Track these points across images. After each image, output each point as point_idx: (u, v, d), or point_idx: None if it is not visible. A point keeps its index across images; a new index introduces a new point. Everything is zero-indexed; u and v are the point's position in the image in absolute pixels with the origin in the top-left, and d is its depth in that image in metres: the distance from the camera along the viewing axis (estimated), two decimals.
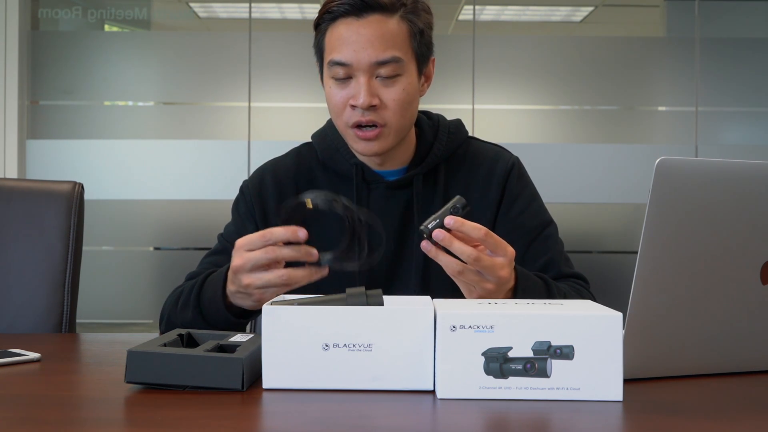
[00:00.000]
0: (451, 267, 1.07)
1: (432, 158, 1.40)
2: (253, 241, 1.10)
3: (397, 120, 1.32)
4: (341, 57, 1.29)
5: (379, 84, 1.30)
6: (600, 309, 0.90)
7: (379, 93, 1.30)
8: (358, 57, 1.28)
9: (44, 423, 0.80)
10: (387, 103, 1.30)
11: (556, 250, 1.40)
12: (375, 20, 1.29)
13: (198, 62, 3.61)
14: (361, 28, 1.28)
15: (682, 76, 3.64)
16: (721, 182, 0.97)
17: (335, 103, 1.33)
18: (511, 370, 0.87)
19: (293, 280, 1.10)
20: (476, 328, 0.87)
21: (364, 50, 1.28)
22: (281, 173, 1.44)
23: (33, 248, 1.53)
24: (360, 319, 0.90)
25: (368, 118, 1.30)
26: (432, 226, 1.06)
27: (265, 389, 0.90)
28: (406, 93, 1.31)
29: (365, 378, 0.90)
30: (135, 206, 3.56)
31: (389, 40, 1.29)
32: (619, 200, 3.57)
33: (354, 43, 1.28)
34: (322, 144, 1.44)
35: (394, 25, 1.30)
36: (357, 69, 1.29)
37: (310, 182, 1.42)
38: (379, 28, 1.29)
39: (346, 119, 1.32)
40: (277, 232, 1.09)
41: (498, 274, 1.08)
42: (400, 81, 1.31)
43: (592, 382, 0.87)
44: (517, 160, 1.46)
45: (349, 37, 1.29)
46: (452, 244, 1.05)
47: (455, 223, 1.05)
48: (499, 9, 3.85)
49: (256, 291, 1.12)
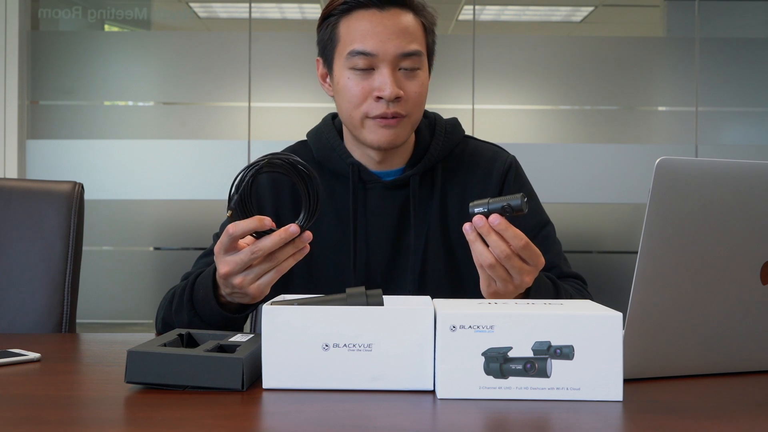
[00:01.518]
0: (484, 258, 1.06)
1: (429, 158, 1.40)
2: (224, 244, 1.07)
3: (417, 112, 1.34)
4: (366, 47, 1.29)
5: (402, 76, 1.31)
6: (600, 309, 0.90)
7: (402, 85, 1.31)
8: (385, 48, 1.29)
9: (44, 423, 0.80)
10: (409, 95, 1.32)
11: (555, 250, 1.40)
12: (396, 13, 1.31)
13: (198, 62, 3.61)
14: (385, 19, 1.30)
15: (682, 76, 3.64)
16: (721, 182, 0.97)
17: (354, 94, 1.32)
18: (511, 370, 0.87)
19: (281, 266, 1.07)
20: (476, 328, 0.87)
21: (390, 41, 1.29)
22: (276, 176, 1.41)
23: (33, 248, 1.53)
24: (360, 319, 0.90)
25: (393, 110, 1.30)
26: (478, 210, 1.05)
27: (265, 389, 0.90)
28: (424, 87, 1.34)
29: (365, 378, 0.90)
30: (135, 206, 3.56)
31: (412, 33, 1.31)
32: (619, 200, 3.57)
33: (380, 33, 1.29)
34: (317, 143, 1.43)
35: (412, 20, 1.32)
36: (382, 60, 1.30)
37: None
38: (402, 21, 1.31)
39: (366, 110, 1.32)
40: (241, 225, 1.04)
41: (524, 278, 1.08)
42: (419, 75, 1.33)
43: (592, 382, 0.87)
44: (514, 159, 1.46)
45: (373, 28, 1.29)
46: (489, 236, 1.04)
47: (500, 225, 1.04)
48: (499, 9, 3.85)
49: (251, 286, 1.10)
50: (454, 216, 1.40)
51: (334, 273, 1.38)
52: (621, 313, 0.88)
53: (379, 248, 1.39)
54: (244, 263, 1.07)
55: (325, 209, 1.40)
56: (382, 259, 1.39)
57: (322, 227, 1.38)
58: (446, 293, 1.36)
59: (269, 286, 1.10)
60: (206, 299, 1.20)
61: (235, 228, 1.05)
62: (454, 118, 1.49)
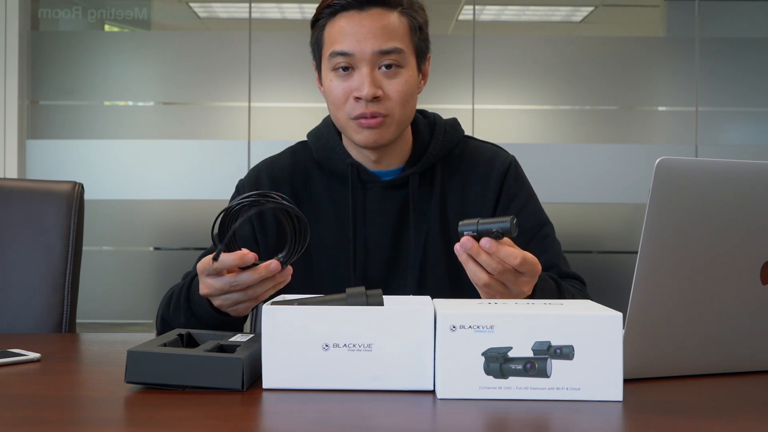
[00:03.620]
0: (478, 277, 1.05)
1: (428, 158, 1.40)
2: (207, 268, 1.07)
3: (399, 111, 1.33)
4: (343, 47, 1.30)
5: (382, 76, 1.31)
6: (600, 309, 0.90)
7: (382, 84, 1.31)
8: (361, 47, 1.29)
9: (44, 423, 0.80)
10: (390, 94, 1.31)
11: (555, 249, 1.40)
12: (376, 13, 1.31)
13: (198, 62, 3.61)
14: (363, 19, 1.30)
15: (682, 76, 3.64)
16: (721, 182, 0.97)
17: (336, 96, 1.33)
18: (511, 370, 0.87)
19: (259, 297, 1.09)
20: (476, 328, 0.87)
21: (366, 40, 1.29)
22: (277, 172, 1.43)
23: (33, 248, 1.53)
24: (360, 319, 0.90)
25: (372, 110, 1.30)
26: (467, 232, 1.04)
27: (265, 389, 0.90)
28: (408, 85, 1.33)
29: (365, 378, 0.90)
30: (135, 206, 3.56)
31: (391, 31, 1.31)
32: (619, 200, 3.57)
33: (356, 33, 1.30)
34: (317, 143, 1.43)
35: (395, 19, 1.32)
36: (360, 59, 1.30)
37: (306, 181, 1.42)
38: (381, 20, 1.31)
39: (348, 111, 1.32)
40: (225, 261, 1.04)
41: (522, 289, 1.08)
42: (402, 73, 1.32)
43: (592, 382, 0.87)
44: (513, 159, 1.46)
45: (351, 28, 1.30)
46: (480, 256, 1.04)
47: (491, 248, 1.02)
48: (499, 9, 3.85)
49: (229, 309, 1.13)
50: (454, 216, 1.40)
51: (333, 273, 1.38)
52: (621, 313, 0.88)
53: (379, 248, 1.39)
54: (223, 291, 1.08)
55: (324, 209, 1.40)
56: (382, 259, 1.39)
57: (321, 227, 1.38)
58: (446, 293, 1.36)
59: (247, 310, 1.14)
60: (201, 301, 1.20)
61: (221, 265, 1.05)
62: (454, 118, 1.49)
